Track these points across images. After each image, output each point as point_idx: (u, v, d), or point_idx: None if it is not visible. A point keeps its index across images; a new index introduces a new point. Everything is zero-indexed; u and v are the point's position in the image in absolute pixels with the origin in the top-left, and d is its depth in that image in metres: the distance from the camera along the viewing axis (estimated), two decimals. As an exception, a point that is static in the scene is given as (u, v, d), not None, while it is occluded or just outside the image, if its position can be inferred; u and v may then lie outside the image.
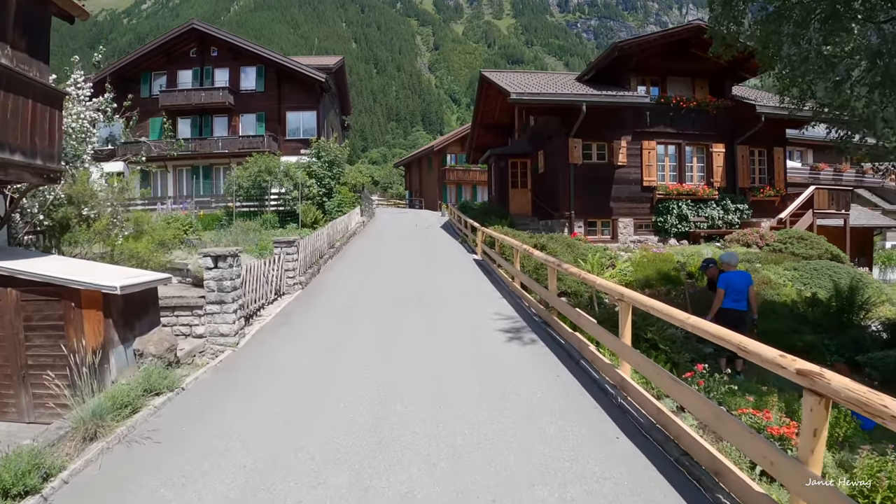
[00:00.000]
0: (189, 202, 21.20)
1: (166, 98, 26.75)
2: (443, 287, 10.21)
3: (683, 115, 18.41)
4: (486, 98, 22.43)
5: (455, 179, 39.37)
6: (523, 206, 20.21)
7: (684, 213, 18.04)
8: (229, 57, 27.47)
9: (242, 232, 19.82)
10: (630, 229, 17.85)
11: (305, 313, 8.66)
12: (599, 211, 17.33)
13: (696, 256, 14.97)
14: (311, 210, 22.09)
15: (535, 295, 8.28)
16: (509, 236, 12.49)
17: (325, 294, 10.09)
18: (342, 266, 13.55)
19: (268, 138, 26.24)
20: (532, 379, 5.16)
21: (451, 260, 14.02)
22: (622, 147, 17.32)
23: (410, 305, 8.63)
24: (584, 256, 13.54)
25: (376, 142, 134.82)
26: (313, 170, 23.14)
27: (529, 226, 19.02)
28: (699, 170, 19.02)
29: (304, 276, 11.38)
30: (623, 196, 17.57)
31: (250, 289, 8.44)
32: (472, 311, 8.12)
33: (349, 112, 37.58)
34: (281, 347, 6.93)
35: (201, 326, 7.45)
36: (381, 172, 62.38)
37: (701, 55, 18.86)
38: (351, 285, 10.81)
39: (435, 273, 11.85)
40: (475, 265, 13.16)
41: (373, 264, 13.44)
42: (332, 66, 28.63)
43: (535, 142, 19.55)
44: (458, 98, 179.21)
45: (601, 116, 16.43)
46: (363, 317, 8.10)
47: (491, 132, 24.67)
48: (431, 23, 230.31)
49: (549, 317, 6.98)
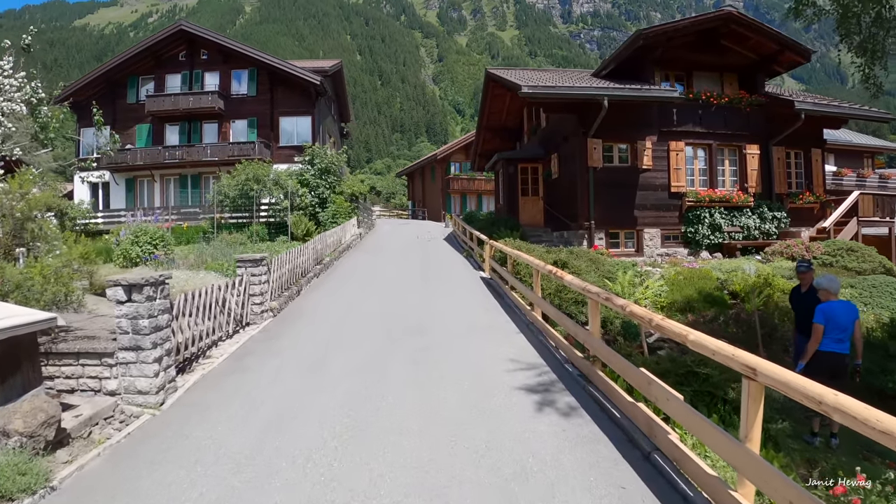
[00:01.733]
0: (161, 213, 19.39)
1: (153, 103, 25.15)
2: (445, 316, 8.23)
3: (714, 113, 16.49)
4: (492, 99, 20.61)
5: (459, 189, 37.51)
6: (535, 216, 18.25)
7: (717, 222, 16.04)
8: (220, 60, 25.87)
9: (226, 246, 18.02)
10: (657, 241, 15.84)
11: (266, 355, 6.71)
12: (622, 220, 15.34)
13: (737, 273, 12.92)
14: (302, 221, 20.25)
15: (560, 328, 6.33)
16: (523, 251, 10.52)
17: (300, 326, 8.14)
18: (329, 286, 11.62)
19: (259, 145, 24.50)
20: (584, 496, 3.16)
21: (455, 278, 12.06)
22: (647, 148, 15.38)
23: (403, 345, 6.66)
24: (611, 275, 11.58)
25: (380, 153, 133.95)
26: (306, 178, 21.34)
27: (542, 238, 17.04)
28: (731, 174, 17.04)
29: (279, 300, 9.45)
30: (648, 203, 15.59)
31: (191, 323, 6.51)
32: (482, 354, 6.12)
33: (348, 119, 35.91)
34: (217, 413, 4.98)
35: (113, 380, 5.51)
36: (383, 182, 60.72)
37: (731, 47, 17.02)
38: (334, 313, 8.85)
39: (436, 296, 9.89)
40: (483, 285, 11.19)
41: (365, 284, 11.50)
42: (329, 69, 26.96)
43: (547, 144, 17.65)
44: (462, 109, 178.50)
45: (623, 114, 14.52)
46: (339, 363, 6.13)
47: (498, 136, 22.81)
48: (435, 35, 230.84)
49: (591, 370, 4.98)
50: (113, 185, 26.48)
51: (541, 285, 7.28)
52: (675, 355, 5.37)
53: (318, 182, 21.41)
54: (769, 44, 16.82)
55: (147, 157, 24.96)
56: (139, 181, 26.45)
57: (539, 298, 7.03)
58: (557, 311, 6.28)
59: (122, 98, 26.39)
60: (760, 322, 9.14)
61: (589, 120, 14.36)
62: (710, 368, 5.23)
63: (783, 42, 16.97)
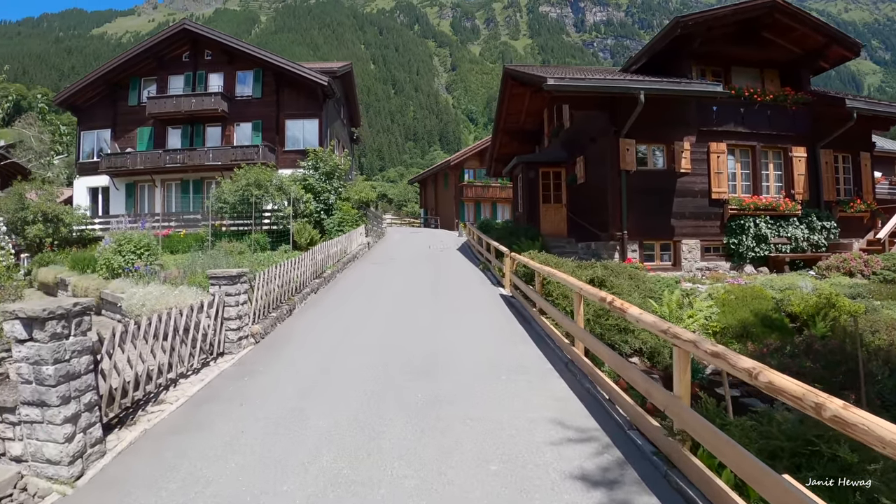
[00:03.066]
0: (148, 219, 18.14)
1: (154, 105, 24.09)
2: (460, 349, 6.67)
3: (756, 112, 14.87)
4: (510, 99, 19.15)
5: (473, 196, 36.04)
6: (557, 225, 16.67)
7: (763, 232, 14.36)
8: (224, 60, 24.79)
9: (224, 255, 16.71)
10: (696, 253, 14.18)
11: (231, 402, 5.23)
12: (658, 230, 13.72)
13: (793, 291, 11.21)
14: (306, 229, 18.88)
15: (608, 369, 4.78)
16: (552, 266, 8.97)
17: (283, 359, 6.65)
18: (327, 304, 10.14)
19: (263, 149, 23.27)
20: None
21: (472, 296, 10.50)
22: (685, 150, 13.78)
23: (406, 396, 5.08)
24: (654, 294, 9.98)
25: (394, 161, 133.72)
26: (310, 183, 20.00)
27: (566, 249, 15.45)
28: (776, 179, 15.37)
29: (265, 321, 8.00)
30: (687, 212, 13.96)
31: (136, 359, 5.06)
32: (513, 412, 4.51)
33: (359, 124, 34.68)
34: (143, 499, 3.49)
35: (18, 443, 4.07)
36: (394, 190, 59.51)
37: (773, 40, 15.40)
38: (326, 342, 7.35)
39: (449, 319, 8.35)
40: (504, 305, 9.63)
41: (367, 302, 10.01)
42: (338, 69, 25.74)
43: (571, 147, 16.11)
44: (475, 118, 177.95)
45: (658, 112, 12.96)
46: (320, 423, 4.57)
47: (516, 140, 21.33)
48: (449, 44, 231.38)
49: (676, 450, 3.41)
50: (113, 189, 25.43)
51: (586, 316, 5.71)
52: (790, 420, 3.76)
53: (323, 187, 20.07)
54: (815, 36, 15.22)
55: (147, 160, 23.88)
56: (139, 186, 25.38)
57: (584, 332, 5.45)
58: (619, 357, 4.66)
59: (123, 100, 25.42)
60: (835, 353, 7.48)
61: (622, 117, 12.83)
62: (839, 444, 3.65)
63: (830, 34, 15.35)
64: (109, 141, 25.58)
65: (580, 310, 5.67)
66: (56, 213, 21.70)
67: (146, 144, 25.06)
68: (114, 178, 25.06)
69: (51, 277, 17.05)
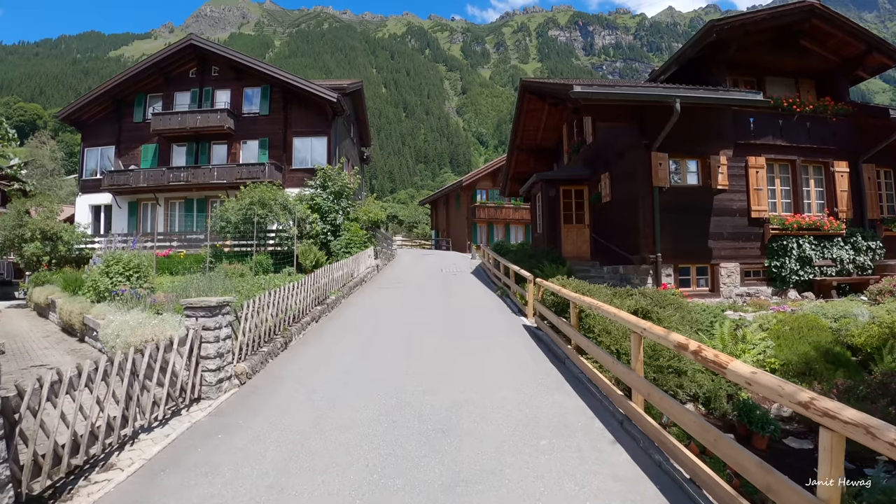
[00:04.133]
0: (138, 238, 17.22)
1: (159, 122, 23.49)
2: (485, 400, 5.42)
3: (795, 124, 13.74)
4: (526, 115, 18.19)
5: (486, 217, 35.00)
6: (579, 247, 15.48)
7: (807, 254, 13.08)
8: (231, 77, 24.24)
9: (224, 277, 15.71)
10: (735, 278, 12.89)
11: (195, 473, 4.05)
12: (694, 253, 12.48)
13: (848, 319, 9.87)
14: (311, 251, 17.86)
15: (677, 430, 3.55)
16: (584, 293, 7.77)
17: (269, 410, 5.47)
18: (329, 336, 8.98)
19: (269, 167, 22.48)
20: None
21: (492, 328, 9.28)
22: (721, 164, 12.62)
23: (419, 473, 3.81)
24: (701, 325, 8.72)
25: (405, 183, 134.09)
26: (317, 202, 19.05)
27: (590, 273, 14.24)
28: (817, 196, 14.13)
29: (254, 358, 6.86)
30: (725, 232, 12.74)
31: (77, 414, 3.92)
32: (565, 500, 3.32)
33: (369, 143, 33.99)
34: None
35: None
36: (405, 211, 58.69)
37: (809, 47, 14.35)
38: (323, 387, 6.17)
39: (467, 358, 7.12)
40: (530, 339, 8.39)
41: (373, 336, 8.82)
42: (347, 86, 25.08)
43: (595, 163, 15.02)
44: (485, 140, 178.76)
45: (691, 123, 11.85)
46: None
47: (533, 157, 20.30)
48: (459, 68, 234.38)
49: None
50: (115, 208, 24.73)
51: (640, 354, 4.48)
52: None
53: (330, 207, 19.10)
54: (855, 44, 14.18)
55: (150, 178, 23.17)
56: (142, 204, 24.67)
57: (649, 385, 4.20)
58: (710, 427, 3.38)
59: (128, 117, 24.91)
60: None
61: (653, 129, 11.73)
62: None
63: (871, 41, 14.30)
64: (113, 158, 25.00)
65: (639, 355, 4.45)
66: (55, 231, 20.95)
67: (150, 162, 24.44)
68: (116, 196, 24.40)
69: (43, 298, 16.14)
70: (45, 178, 61.06)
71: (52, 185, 55.77)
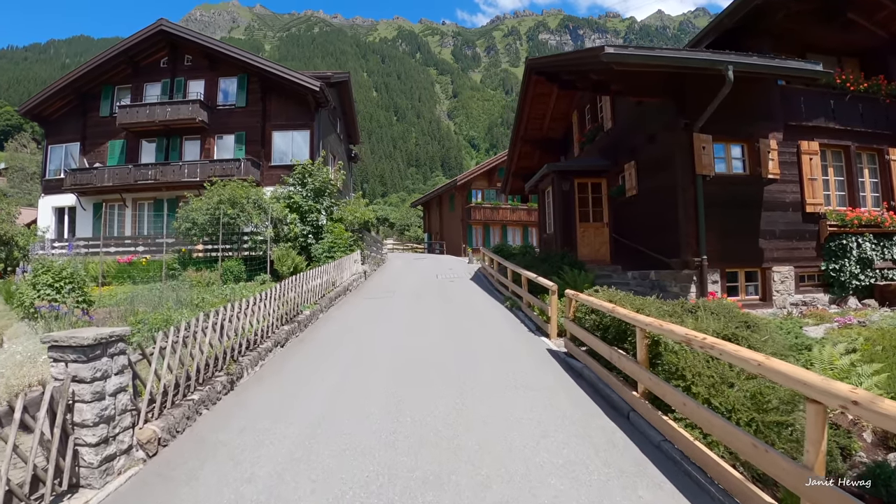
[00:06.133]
0: (73, 242, 14.91)
1: (125, 115, 21.21)
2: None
3: (848, 105, 11.79)
4: (532, 101, 16.13)
5: (482, 219, 32.91)
6: (597, 249, 13.40)
7: (867, 255, 11.11)
8: (205, 66, 22.01)
9: (188, 287, 13.55)
10: (789, 283, 10.86)
11: None
12: (742, 254, 10.43)
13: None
14: (289, 256, 15.66)
15: None
16: (647, 314, 5.68)
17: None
18: (291, 371, 6.78)
19: (246, 163, 20.24)
20: None
21: (509, 359, 7.08)
22: (771, 149, 10.61)
23: None
24: (782, 348, 6.64)
25: (396, 187, 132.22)
26: (295, 201, 16.86)
27: (612, 279, 12.18)
28: (872, 187, 12.18)
29: (170, 416, 4.66)
30: (777, 230, 10.71)
31: None
32: None
33: (357, 141, 31.80)
34: None
35: None
36: (396, 214, 56.48)
37: (857, 21, 12.39)
38: (264, 473, 3.98)
39: (486, 421, 4.85)
40: (567, 378, 6.20)
41: (353, 369, 6.64)
42: (332, 76, 22.93)
43: (614, 152, 12.97)
44: (476, 144, 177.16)
45: (736, 100, 9.82)
46: None
47: (538, 150, 18.23)
48: (450, 71, 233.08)
49: None
50: (79, 210, 22.35)
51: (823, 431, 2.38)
52: None
53: (310, 206, 16.91)
54: (909, 17, 12.26)
55: (116, 177, 20.86)
56: (108, 206, 22.31)
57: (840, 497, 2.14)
58: None
59: (94, 111, 22.58)
60: None
61: (695, 106, 9.69)
62: None
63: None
64: (78, 156, 22.65)
65: (821, 443, 2.35)
66: (10, 235, 18.65)
67: (118, 159, 22.11)
68: (80, 196, 22.03)
69: (-23, 314, 13.81)
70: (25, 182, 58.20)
71: (32, 188, 53.03)
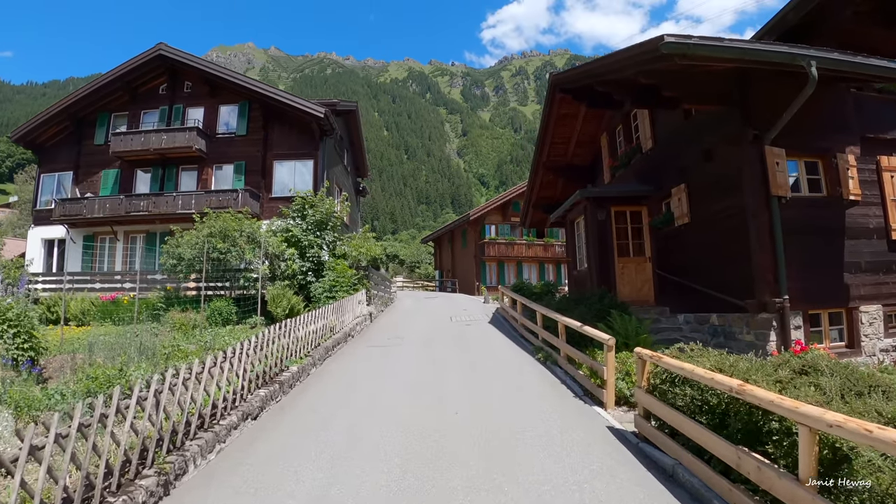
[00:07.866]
0: (28, 278, 13.32)
1: (119, 143, 20.07)
2: None
3: (926, 117, 10.03)
4: (556, 123, 14.60)
5: (496, 255, 31.15)
6: (639, 288, 11.52)
7: (964, 293, 9.10)
8: (205, 92, 20.98)
9: (169, 330, 11.91)
10: (878, 326, 8.86)
11: None
12: (825, 292, 8.50)
13: None
14: (285, 296, 13.95)
15: None
16: (760, 382, 3.82)
17: None
18: (258, 465, 4.90)
19: (244, 195, 18.83)
20: None
21: (559, 448, 5.11)
22: (850, 166, 8.84)
23: None
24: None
25: (406, 224, 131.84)
26: (294, 234, 15.26)
27: (661, 324, 10.26)
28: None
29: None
30: (863, 261, 8.81)
31: None
32: None
33: (366, 174, 30.55)
34: None
35: None
36: (407, 250, 54.93)
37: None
38: None
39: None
40: (651, 481, 4.22)
41: (344, 468, 4.76)
42: (338, 104, 21.80)
43: (658, 175, 11.27)
44: (486, 181, 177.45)
45: (806, 108, 8.07)
46: None
47: (561, 179, 16.60)
48: (459, 110, 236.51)
49: None
50: (69, 242, 20.97)
51: None
52: None
53: (311, 241, 15.28)
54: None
55: (107, 208, 19.54)
56: (99, 238, 20.91)
57: None
58: None
59: (88, 139, 21.52)
60: None
61: (764, 113, 8.02)
62: None
63: None
64: (70, 185, 21.47)
65: None
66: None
67: (111, 189, 20.88)
68: (70, 228, 20.70)
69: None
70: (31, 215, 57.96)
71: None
